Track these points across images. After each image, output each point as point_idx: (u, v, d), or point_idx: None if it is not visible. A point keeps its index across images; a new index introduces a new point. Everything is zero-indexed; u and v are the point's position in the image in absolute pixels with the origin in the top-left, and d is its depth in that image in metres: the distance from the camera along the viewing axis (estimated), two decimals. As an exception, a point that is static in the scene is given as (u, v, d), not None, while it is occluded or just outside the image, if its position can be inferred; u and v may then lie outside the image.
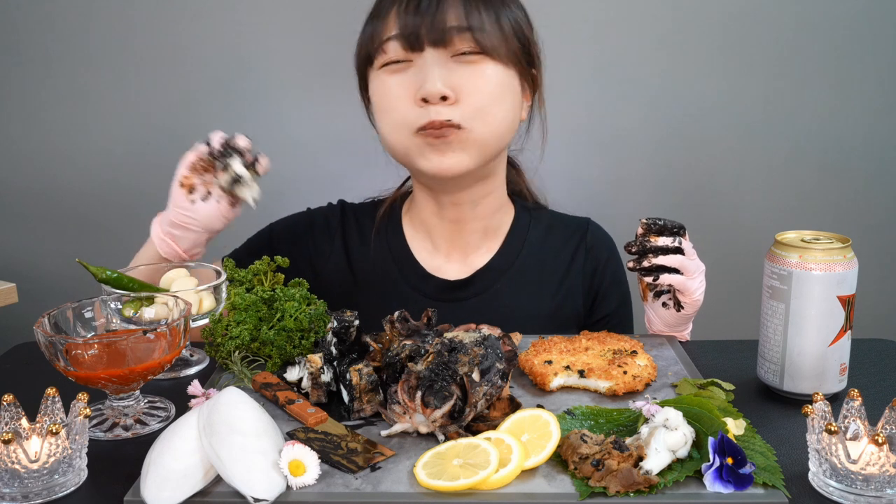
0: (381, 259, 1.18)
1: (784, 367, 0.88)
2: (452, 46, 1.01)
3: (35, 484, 0.68)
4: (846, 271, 0.85)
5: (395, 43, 1.02)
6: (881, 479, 0.66)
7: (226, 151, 1.02)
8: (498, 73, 1.03)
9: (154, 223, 1.06)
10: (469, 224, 1.15)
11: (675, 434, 0.70)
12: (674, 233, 0.98)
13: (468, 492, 0.67)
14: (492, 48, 1.02)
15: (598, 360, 0.90)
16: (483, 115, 1.03)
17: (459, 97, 1.01)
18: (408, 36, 1.01)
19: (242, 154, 1.02)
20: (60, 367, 0.77)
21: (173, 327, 0.79)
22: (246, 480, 0.66)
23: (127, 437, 0.79)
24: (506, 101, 1.05)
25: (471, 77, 1.02)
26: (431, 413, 0.74)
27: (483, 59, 1.03)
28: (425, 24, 1.00)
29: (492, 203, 1.15)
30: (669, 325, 1.06)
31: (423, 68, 1.02)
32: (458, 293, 1.15)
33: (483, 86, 1.02)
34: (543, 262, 1.18)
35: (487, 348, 0.78)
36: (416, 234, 1.18)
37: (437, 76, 1.00)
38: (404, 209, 1.21)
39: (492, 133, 1.04)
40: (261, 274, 1.00)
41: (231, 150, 1.02)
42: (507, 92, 1.05)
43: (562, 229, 1.21)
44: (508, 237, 1.18)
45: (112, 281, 0.92)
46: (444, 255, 1.17)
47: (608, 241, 1.24)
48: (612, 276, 1.21)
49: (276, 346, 0.90)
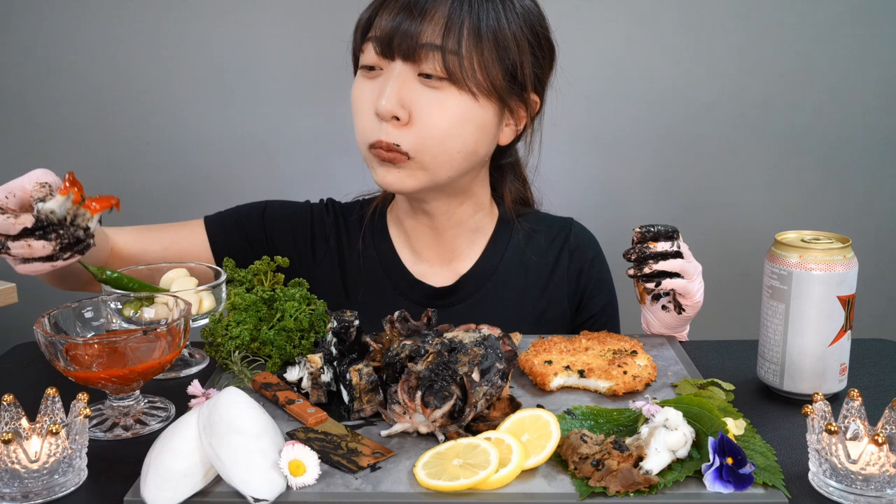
0: (371, 264, 1.16)
1: (784, 367, 0.88)
2: (421, 64, 0.97)
3: (35, 484, 0.68)
4: (846, 271, 0.85)
5: (371, 45, 1.00)
6: (881, 479, 0.66)
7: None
8: (461, 105, 0.97)
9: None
10: (446, 231, 1.13)
11: (675, 434, 0.70)
12: (669, 237, 0.98)
13: (468, 492, 0.67)
14: (461, 77, 0.96)
15: (598, 360, 0.90)
16: (433, 147, 0.98)
17: (413, 121, 0.97)
18: (382, 42, 0.98)
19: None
20: (60, 367, 0.77)
21: (173, 327, 0.79)
22: (246, 480, 0.66)
23: (127, 437, 0.79)
24: (464, 134, 0.99)
25: (429, 104, 0.97)
26: (431, 413, 0.74)
27: (448, 86, 0.97)
28: (399, 33, 0.96)
29: (467, 211, 1.12)
30: (669, 328, 1.05)
31: (383, 81, 0.98)
32: (446, 300, 1.14)
33: (439, 116, 0.97)
34: (527, 266, 1.16)
35: (487, 348, 0.78)
36: (399, 240, 1.16)
37: (394, 93, 0.96)
38: (389, 213, 1.19)
39: (441, 165, 1.00)
40: (261, 274, 1.00)
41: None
42: (467, 125, 0.99)
43: (545, 231, 1.19)
44: (491, 242, 1.16)
45: (112, 281, 0.92)
46: (427, 262, 1.15)
47: (592, 240, 1.21)
48: (598, 275, 1.19)
49: (276, 346, 0.90)
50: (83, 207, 0.79)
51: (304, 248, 1.18)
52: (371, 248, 1.16)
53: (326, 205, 1.22)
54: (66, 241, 0.79)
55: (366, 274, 1.16)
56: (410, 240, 1.15)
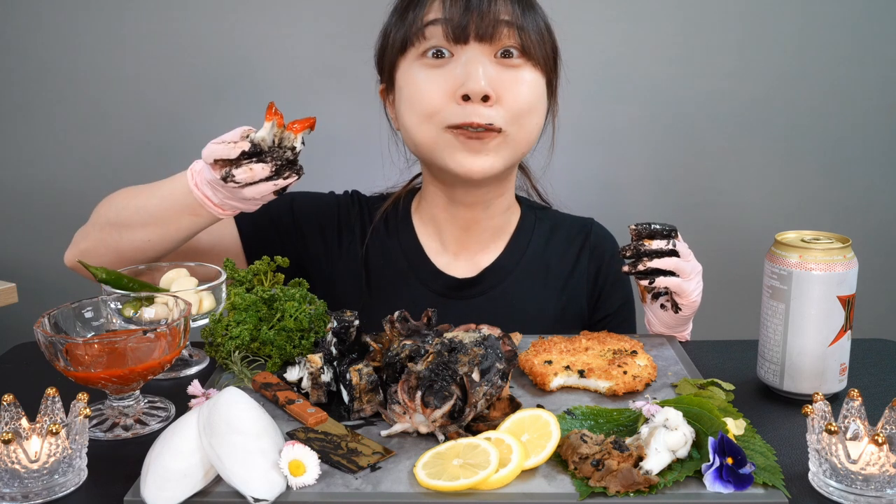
0: (393, 254, 1.17)
1: (784, 367, 0.88)
2: (498, 42, 1.01)
3: (35, 484, 0.68)
4: (846, 271, 0.85)
5: (439, 29, 1.01)
6: (881, 479, 0.66)
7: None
8: (535, 80, 1.04)
9: (196, 173, 0.95)
10: (480, 224, 1.15)
11: (675, 434, 0.70)
12: (665, 235, 0.98)
13: (468, 492, 0.67)
14: (533, 52, 1.02)
15: (598, 360, 0.90)
16: (521, 121, 1.03)
17: (499, 100, 1.01)
18: (455, 25, 1.00)
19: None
20: (60, 367, 0.77)
21: (173, 327, 0.79)
22: (246, 480, 0.66)
23: (127, 437, 0.79)
24: (540, 109, 1.06)
25: (513, 81, 1.02)
26: (431, 413, 0.74)
27: (523, 62, 1.03)
28: (474, 15, 0.99)
29: (502, 204, 1.15)
30: (669, 326, 1.06)
31: (465, 65, 1.00)
32: (466, 291, 1.15)
33: (523, 91, 1.03)
34: (548, 263, 1.18)
35: (487, 348, 0.78)
36: (425, 231, 1.18)
37: (482, 74, 0.99)
38: (413, 206, 1.20)
39: (526, 139, 1.05)
40: (261, 274, 1.00)
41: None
42: (541, 99, 1.06)
43: (566, 230, 1.21)
44: (514, 237, 1.18)
45: (112, 281, 0.92)
46: (453, 254, 1.17)
47: (611, 240, 1.24)
48: (615, 275, 1.21)
49: (276, 346, 0.90)
50: (287, 130, 0.89)
51: (332, 238, 1.19)
52: (395, 238, 1.18)
53: (352, 196, 1.23)
54: (279, 162, 0.89)
55: (389, 263, 1.17)
56: (440, 232, 1.17)
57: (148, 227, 0.99)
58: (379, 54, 1.11)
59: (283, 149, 0.89)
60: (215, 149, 0.88)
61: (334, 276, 1.17)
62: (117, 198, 1.05)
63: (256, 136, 0.88)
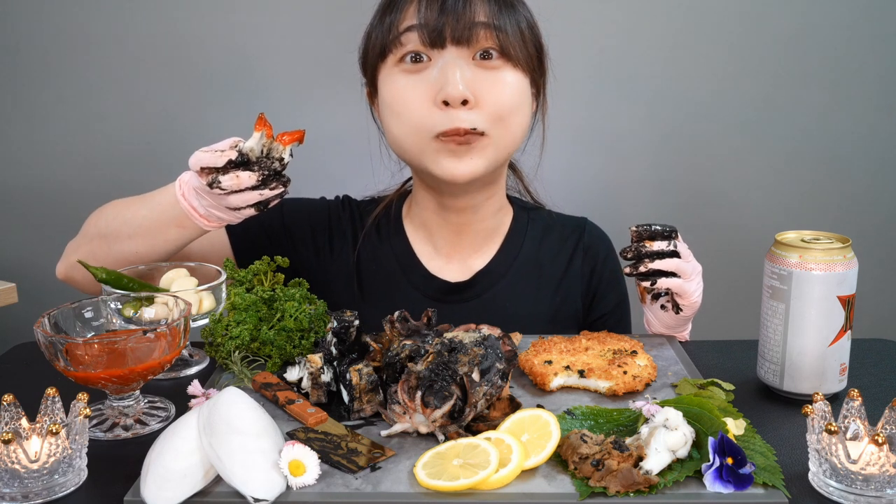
0: (386, 259, 1.17)
1: (784, 367, 0.88)
2: (476, 45, 1.00)
3: (35, 484, 0.68)
4: (846, 271, 0.85)
5: (415, 35, 1.00)
6: (881, 479, 0.66)
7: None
8: (517, 80, 1.02)
9: (184, 184, 0.95)
10: (471, 227, 1.15)
11: (675, 434, 0.70)
12: (666, 236, 0.98)
13: (468, 492, 0.67)
14: (513, 53, 1.01)
15: (598, 360, 0.90)
16: (504, 123, 1.02)
17: (479, 102, 1.00)
18: (430, 30, 0.99)
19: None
20: (60, 367, 0.77)
21: (173, 327, 0.79)
22: (246, 480, 0.66)
23: (127, 437, 0.79)
24: (524, 109, 1.05)
25: (492, 83, 1.00)
26: (431, 413, 0.74)
27: (503, 63, 1.01)
28: (450, 19, 0.98)
29: (493, 206, 1.15)
30: (669, 327, 1.06)
31: (443, 69, 0.99)
32: (459, 295, 1.15)
33: (503, 92, 1.01)
34: (541, 263, 1.18)
35: (487, 348, 0.78)
36: (417, 235, 1.18)
37: (460, 78, 0.98)
38: (404, 210, 1.20)
39: (510, 140, 1.04)
40: (261, 274, 1.00)
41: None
42: (524, 99, 1.04)
43: (559, 229, 1.21)
44: (507, 239, 1.18)
45: (112, 281, 0.92)
46: (445, 257, 1.16)
47: (605, 240, 1.23)
48: (610, 274, 1.20)
49: (276, 346, 0.90)
50: (275, 141, 0.89)
51: (323, 243, 1.19)
52: (387, 243, 1.18)
53: (343, 201, 1.23)
54: (265, 172, 0.89)
55: (381, 268, 1.17)
56: (432, 236, 1.16)
57: (136, 239, 1.00)
58: (362, 57, 1.10)
59: (271, 159, 0.89)
60: (202, 157, 0.88)
61: (327, 281, 1.16)
62: (107, 209, 1.06)
63: (245, 146, 0.88)
